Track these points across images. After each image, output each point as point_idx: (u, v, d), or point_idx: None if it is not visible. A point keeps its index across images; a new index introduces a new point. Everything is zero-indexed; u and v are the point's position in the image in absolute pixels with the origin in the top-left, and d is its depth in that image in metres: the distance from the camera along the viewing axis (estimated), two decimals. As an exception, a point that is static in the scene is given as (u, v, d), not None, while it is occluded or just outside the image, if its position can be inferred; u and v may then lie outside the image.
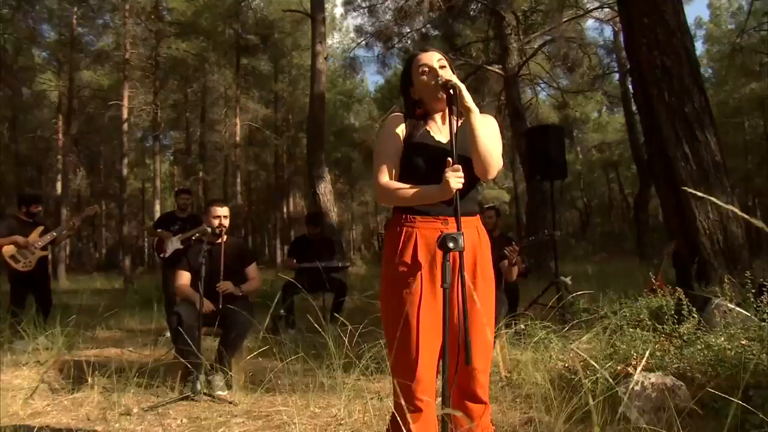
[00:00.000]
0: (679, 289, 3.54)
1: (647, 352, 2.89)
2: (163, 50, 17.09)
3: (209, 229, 3.88)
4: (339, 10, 36.02)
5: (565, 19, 12.54)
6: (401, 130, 1.95)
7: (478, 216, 1.99)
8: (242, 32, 17.20)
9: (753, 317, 3.29)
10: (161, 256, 6.09)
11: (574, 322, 3.95)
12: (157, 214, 17.70)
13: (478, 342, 1.87)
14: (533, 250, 10.49)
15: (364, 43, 14.47)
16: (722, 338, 3.00)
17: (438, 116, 1.98)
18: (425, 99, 1.96)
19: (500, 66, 11.66)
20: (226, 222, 3.92)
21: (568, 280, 5.55)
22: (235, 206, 16.40)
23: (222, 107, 20.80)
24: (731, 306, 3.65)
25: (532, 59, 12.16)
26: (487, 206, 5.71)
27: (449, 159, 1.78)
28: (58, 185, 19.88)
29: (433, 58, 1.97)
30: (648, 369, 2.85)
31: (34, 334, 4.90)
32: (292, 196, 24.05)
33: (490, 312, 1.94)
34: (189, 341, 3.49)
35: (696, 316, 3.41)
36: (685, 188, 3.74)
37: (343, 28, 25.91)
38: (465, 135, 1.87)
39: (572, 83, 15.79)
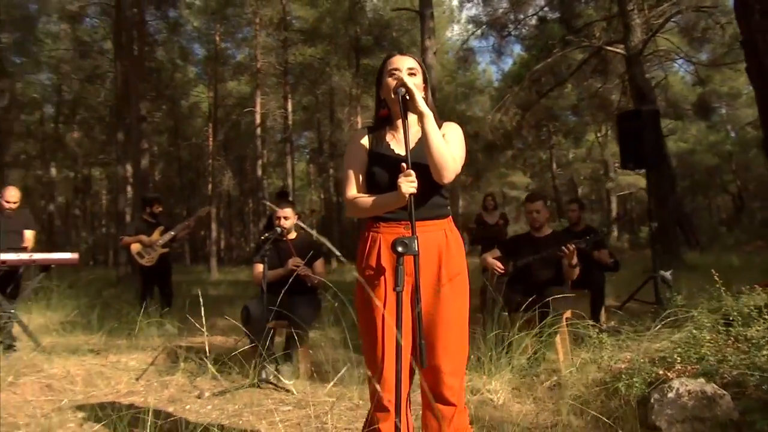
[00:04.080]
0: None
1: (677, 356, 2.59)
2: (291, 57, 18.29)
3: (278, 230, 4.18)
4: (456, 1, 35.48)
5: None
6: (365, 142, 1.99)
7: (447, 219, 1.95)
8: (360, 33, 17.81)
9: None
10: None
11: (667, 320, 3.60)
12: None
13: (444, 344, 1.85)
14: (660, 239, 9.58)
15: (479, 33, 14.20)
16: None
17: (399, 123, 1.97)
18: (387, 100, 1.97)
19: (623, 45, 10.78)
20: (286, 223, 4.21)
21: (668, 274, 5.07)
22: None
23: (345, 106, 21.75)
24: None
25: (660, 34, 11.07)
26: (570, 199, 5.39)
27: (403, 165, 1.78)
28: (210, 186, 22.15)
29: (405, 63, 1.97)
30: (692, 375, 2.55)
31: (150, 322, 5.57)
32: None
33: (459, 314, 1.89)
34: (256, 334, 3.78)
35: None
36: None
37: (462, 20, 25.62)
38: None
39: (712, 56, 14.04)
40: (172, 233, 6.40)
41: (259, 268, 4.20)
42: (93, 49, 21.18)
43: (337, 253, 2.02)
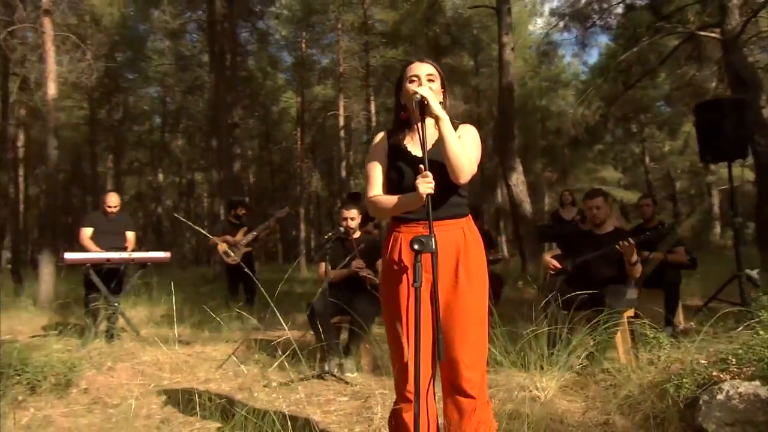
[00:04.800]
0: None
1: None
2: (372, 60, 18.70)
3: (341, 229, 4.41)
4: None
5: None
6: (384, 146, 2.11)
7: (466, 218, 2.03)
8: (439, 33, 17.86)
9: None
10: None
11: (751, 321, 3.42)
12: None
13: (462, 338, 1.93)
14: (763, 236, 8.87)
15: (561, 25, 13.79)
16: None
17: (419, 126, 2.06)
18: (407, 105, 2.07)
19: (718, 29, 10.04)
20: (352, 223, 4.41)
21: (754, 273, 4.72)
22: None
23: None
24: None
25: (762, 15, 10.14)
26: (642, 195, 5.18)
27: (420, 166, 1.89)
28: (298, 188, 23.10)
29: (424, 69, 2.07)
30: (747, 377, 2.43)
31: (232, 316, 5.99)
32: (499, 186, 24.09)
33: (478, 309, 1.96)
34: (320, 329, 4.01)
35: None
36: None
37: (545, 13, 24.84)
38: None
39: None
40: (254, 233, 6.83)
41: (324, 266, 4.44)
42: (193, 63, 22.78)
43: None
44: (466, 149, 1.95)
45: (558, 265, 3.94)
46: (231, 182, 14.04)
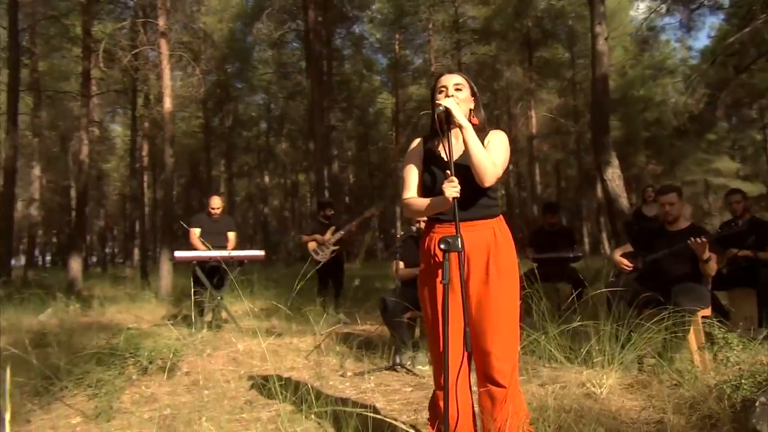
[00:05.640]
0: None
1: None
2: (464, 57, 18.67)
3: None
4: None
5: None
6: (420, 152, 2.28)
7: (496, 218, 2.15)
8: (531, 26, 17.43)
9: None
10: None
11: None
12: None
13: (493, 331, 2.06)
14: None
15: (664, 10, 12.92)
16: None
17: (451, 133, 2.21)
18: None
19: None
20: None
21: None
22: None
23: (519, 101, 21.42)
24: None
25: None
26: (731, 190, 4.88)
27: (447, 171, 2.05)
28: (395, 187, 23.57)
29: (452, 80, 2.22)
30: None
31: (317, 310, 6.39)
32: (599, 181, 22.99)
33: (508, 303, 2.08)
34: (392, 323, 4.25)
35: None
36: None
37: (646, -2, 23.17)
38: None
39: None
40: (341, 233, 7.21)
41: (397, 264, 4.66)
42: (293, 70, 24.03)
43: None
44: (491, 154, 2.08)
45: (629, 264, 3.87)
46: (330, 183, 14.67)
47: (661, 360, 3.31)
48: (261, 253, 6.47)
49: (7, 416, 1.91)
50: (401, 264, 4.61)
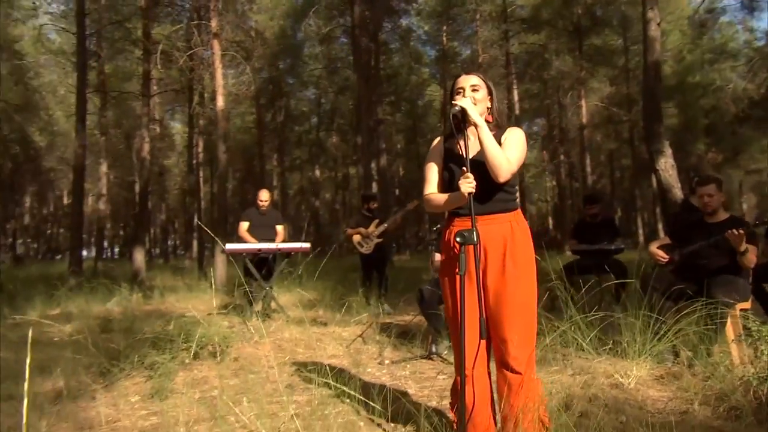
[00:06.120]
0: None
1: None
2: (512, 47, 18.41)
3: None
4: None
5: None
6: (440, 149, 2.40)
7: (514, 212, 2.25)
8: (581, 14, 16.97)
9: None
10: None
11: None
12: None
13: (510, 319, 2.16)
14: None
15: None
16: None
17: (469, 131, 2.30)
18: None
19: None
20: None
21: None
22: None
23: (570, 90, 20.92)
24: None
25: None
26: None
27: (463, 168, 2.16)
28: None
29: (469, 81, 2.32)
30: None
31: (361, 301, 6.58)
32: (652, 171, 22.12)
33: (525, 294, 2.18)
34: (428, 313, 4.38)
35: None
36: None
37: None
38: None
39: None
40: (386, 225, 7.37)
41: (433, 256, 4.78)
42: (342, 65, 24.32)
43: None
44: (506, 151, 2.18)
45: (664, 256, 3.84)
46: (378, 176, 14.86)
47: (695, 352, 3.30)
48: (307, 245, 6.71)
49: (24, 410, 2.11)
50: (437, 256, 4.72)
